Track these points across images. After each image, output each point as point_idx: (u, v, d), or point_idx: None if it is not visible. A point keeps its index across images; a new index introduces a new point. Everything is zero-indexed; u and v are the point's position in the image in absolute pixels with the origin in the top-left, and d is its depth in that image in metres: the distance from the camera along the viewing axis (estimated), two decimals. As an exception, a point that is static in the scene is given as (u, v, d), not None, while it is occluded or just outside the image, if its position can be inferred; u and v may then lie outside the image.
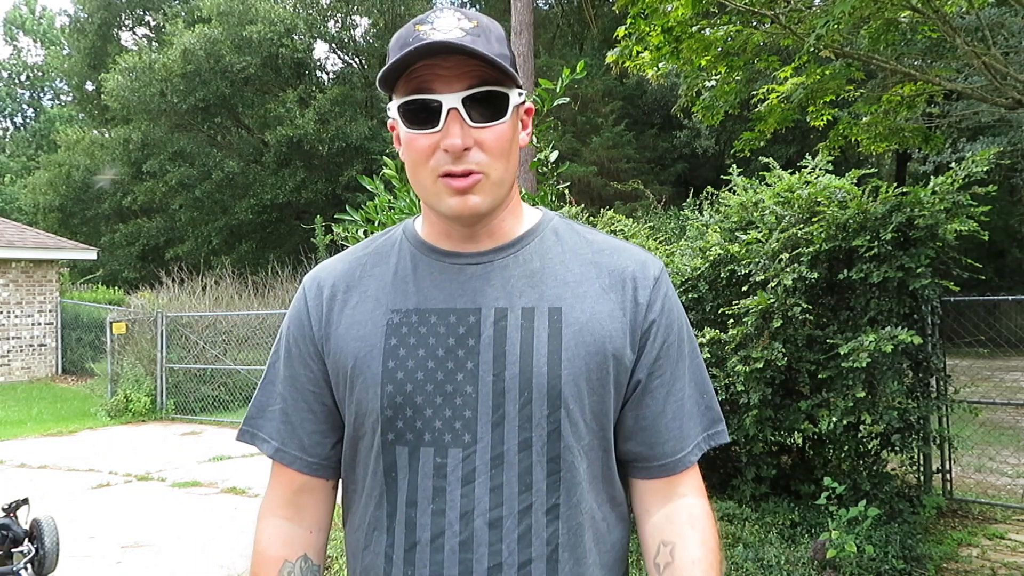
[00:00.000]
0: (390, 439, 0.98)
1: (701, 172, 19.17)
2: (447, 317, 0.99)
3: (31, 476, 6.97)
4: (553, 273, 1.02)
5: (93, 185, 24.55)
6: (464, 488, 0.95)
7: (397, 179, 4.45)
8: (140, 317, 10.91)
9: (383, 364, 0.99)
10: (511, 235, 1.04)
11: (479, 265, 1.02)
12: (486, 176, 0.95)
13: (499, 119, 0.96)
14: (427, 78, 0.94)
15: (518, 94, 0.98)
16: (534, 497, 0.95)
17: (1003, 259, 17.34)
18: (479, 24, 0.96)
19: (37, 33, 40.56)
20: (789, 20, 4.78)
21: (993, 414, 7.81)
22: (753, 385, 4.12)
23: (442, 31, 0.92)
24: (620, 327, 1.00)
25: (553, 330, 0.97)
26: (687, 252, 4.91)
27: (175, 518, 5.55)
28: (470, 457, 0.95)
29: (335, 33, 24.42)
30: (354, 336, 1.02)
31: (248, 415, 1.14)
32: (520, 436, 0.95)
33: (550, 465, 0.95)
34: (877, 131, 6.23)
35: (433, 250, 1.04)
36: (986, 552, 4.35)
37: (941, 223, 4.03)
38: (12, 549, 2.30)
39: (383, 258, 1.08)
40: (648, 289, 1.03)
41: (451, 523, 0.94)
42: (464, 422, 0.96)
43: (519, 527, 0.94)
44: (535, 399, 0.95)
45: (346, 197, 18.21)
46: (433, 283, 1.02)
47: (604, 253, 1.05)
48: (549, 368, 0.96)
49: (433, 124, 0.94)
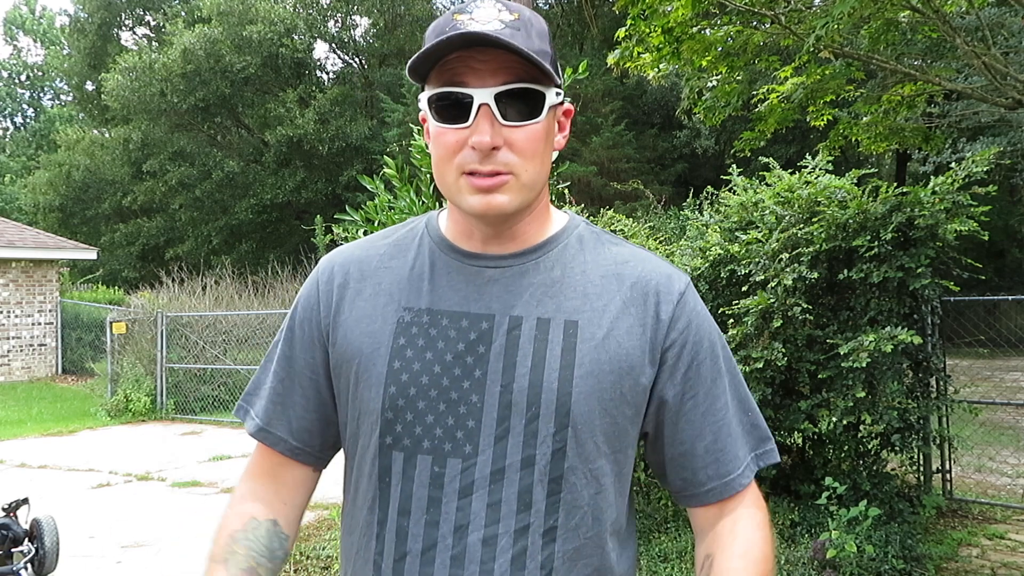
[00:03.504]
0: (387, 443, 0.94)
1: (701, 172, 19.16)
2: (459, 321, 0.95)
3: (31, 476, 6.97)
4: (573, 284, 0.97)
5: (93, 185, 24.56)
6: (460, 501, 0.91)
7: (397, 179, 4.45)
8: (140, 317, 10.91)
9: (388, 364, 0.95)
10: (535, 240, 1.00)
11: (498, 269, 0.98)
12: (515, 177, 0.91)
13: (533, 119, 0.91)
14: (460, 71, 0.89)
15: (555, 94, 0.93)
16: (532, 517, 0.91)
17: (1003, 259, 17.33)
18: (520, 17, 0.91)
19: (37, 33, 40.56)
20: (789, 20, 4.78)
21: (993, 414, 7.81)
22: (753, 385, 4.12)
23: (481, 22, 0.88)
24: (639, 344, 0.95)
25: (567, 344, 0.93)
26: (687, 252, 4.91)
27: (175, 518, 5.54)
28: (469, 469, 0.91)
29: (335, 33, 24.43)
30: (362, 330, 0.99)
31: (246, 391, 1.13)
32: (523, 452, 0.91)
33: (551, 485, 0.91)
34: (877, 131, 6.23)
35: (453, 249, 1.00)
36: (986, 552, 4.35)
37: (941, 223, 4.03)
38: (12, 549, 2.30)
39: (402, 251, 1.03)
40: (672, 304, 0.97)
41: (444, 536, 0.91)
42: (466, 432, 0.92)
43: (514, 547, 0.90)
44: (542, 415, 0.91)
45: (346, 197, 18.22)
46: (449, 284, 0.98)
47: (628, 264, 1.00)
48: (560, 384, 0.91)
49: (463, 119, 0.89)
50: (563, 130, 1.00)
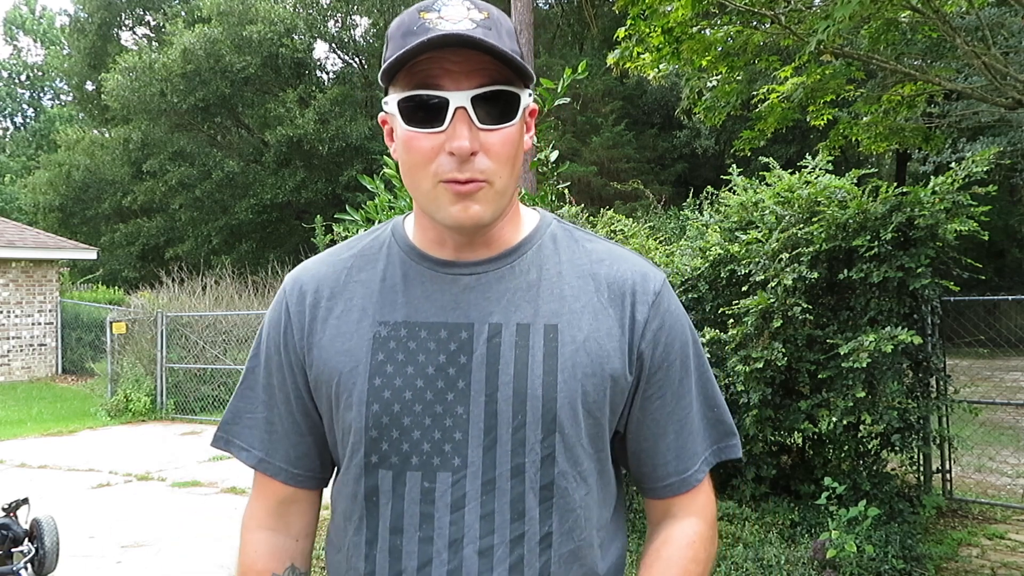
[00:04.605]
0: (373, 461, 0.92)
1: (701, 172, 19.16)
2: (438, 332, 0.93)
3: (31, 476, 6.97)
4: (550, 286, 0.96)
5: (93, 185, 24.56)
6: (453, 515, 0.89)
7: (397, 179, 4.45)
8: (140, 317, 10.92)
9: (369, 381, 0.93)
10: (508, 243, 0.98)
11: (473, 276, 0.95)
12: (490, 185, 0.88)
13: (509, 122, 0.88)
14: (434, 72, 0.85)
15: (528, 94, 0.90)
16: (527, 526, 0.90)
17: (1003, 259, 17.34)
18: (490, 16, 0.88)
19: (37, 33, 40.56)
20: (789, 20, 4.79)
21: (993, 414, 7.81)
22: (753, 385, 4.12)
23: (451, 21, 0.85)
24: (618, 346, 0.94)
25: (549, 349, 0.92)
26: (687, 252, 4.92)
27: (175, 518, 5.54)
28: (460, 482, 0.90)
29: (335, 33, 24.43)
30: (338, 349, 0.95)
31: (224, 420, 1.08)
32: (513, 461, 0.90)
33: (543, 492, 0.90)
34: (877, 131, 6.24)
35: (425, 258, 0.97)
36: (986, 552, 4.35)
37: (941, 223, 4.03)
38: (12, 549, 2.30)
39: (370, 262, 1.00)
40: (647, 305, 0.97)
41: (439, 551, 0.89)
42: (454, 445, 0.90)
43: (511, 557, 0.89)
44: (529, 423, 0.90)
45: (346, 197, 18.21)
46: (424, 294, 0.95)
47: (603, 263, 0.99)
48: (544, 391, 0.90)
49: (438, 123, 0.85)
50: (530, 130, 0.97)
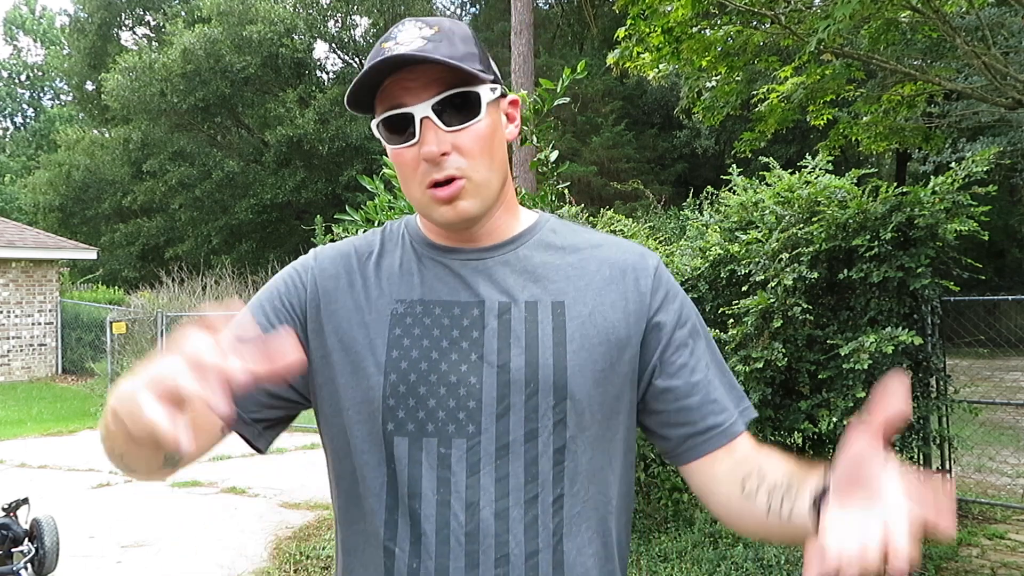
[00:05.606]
0: (390, 429, 0.97)
1: (701, 172, 19.16)
2: (451, 309, 1.00)
3: (31, 476, 6.97)
4: (554, 267, 1.03)
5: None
6: (469, 479, 0.94)
7: (396, 179, 4.44)
8: (140, 317, 10.93)
9: (387, 353, 0.99)
10: (509, 233, 1.06)
11: (480, 261, 1.03)
12: (468, 179, 0.96)
13: (474, 119, 0.96)
14: (397, 93, 0.95)
15: (490, 89, 0.98)
16: (540, 488, 0.95)
17: (1003, 259, 17.35)
18: (441, 29, 0.97)
19: (37, 33, 40.58)
20: (789, 20, 4.79)
21: (993, 414, 7.81)
22: (753, 385, 4.12)
23: (404, 44, 0.94)
24: (623, 316, 1.01)
25: (557, 323, 0.99)
26: (687, 252, 4.92)
27: (175, 518, 5.55)
28: (475, 447, 0.95)
29: (335, 33, 24.46)
30: (357, 321, 1.02)
31: None
32: (526, 427, 0.95)
33: (556, 456, 0.96)
34: (877, 131, 6.24)
35: (434, 246, 1.05)
36: (986, 552, 4.35)
37: (941, 223, 4.03)
38: (12, 549, 2.30)
39: (388, 250, 1.08)
40: (649, 278, 1.04)
41: (456, 514, 0.94)
42: (468, 412, 0.96)
43: (525, 518, 0.94)
44: (541, 390, 0.96)
45: (346, 197, 18.21)
46: (436, 277, 1.03)
47: (602, 248, 1.07)
48: (555, 360, 0.96)
49: (410, 136, 0.95)
50: (512, 120, 1.05)
